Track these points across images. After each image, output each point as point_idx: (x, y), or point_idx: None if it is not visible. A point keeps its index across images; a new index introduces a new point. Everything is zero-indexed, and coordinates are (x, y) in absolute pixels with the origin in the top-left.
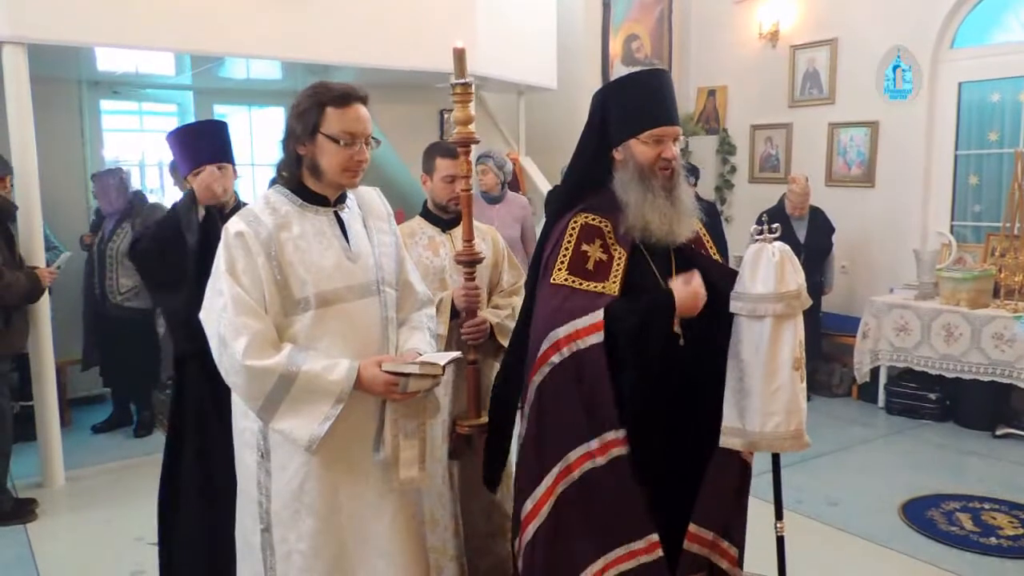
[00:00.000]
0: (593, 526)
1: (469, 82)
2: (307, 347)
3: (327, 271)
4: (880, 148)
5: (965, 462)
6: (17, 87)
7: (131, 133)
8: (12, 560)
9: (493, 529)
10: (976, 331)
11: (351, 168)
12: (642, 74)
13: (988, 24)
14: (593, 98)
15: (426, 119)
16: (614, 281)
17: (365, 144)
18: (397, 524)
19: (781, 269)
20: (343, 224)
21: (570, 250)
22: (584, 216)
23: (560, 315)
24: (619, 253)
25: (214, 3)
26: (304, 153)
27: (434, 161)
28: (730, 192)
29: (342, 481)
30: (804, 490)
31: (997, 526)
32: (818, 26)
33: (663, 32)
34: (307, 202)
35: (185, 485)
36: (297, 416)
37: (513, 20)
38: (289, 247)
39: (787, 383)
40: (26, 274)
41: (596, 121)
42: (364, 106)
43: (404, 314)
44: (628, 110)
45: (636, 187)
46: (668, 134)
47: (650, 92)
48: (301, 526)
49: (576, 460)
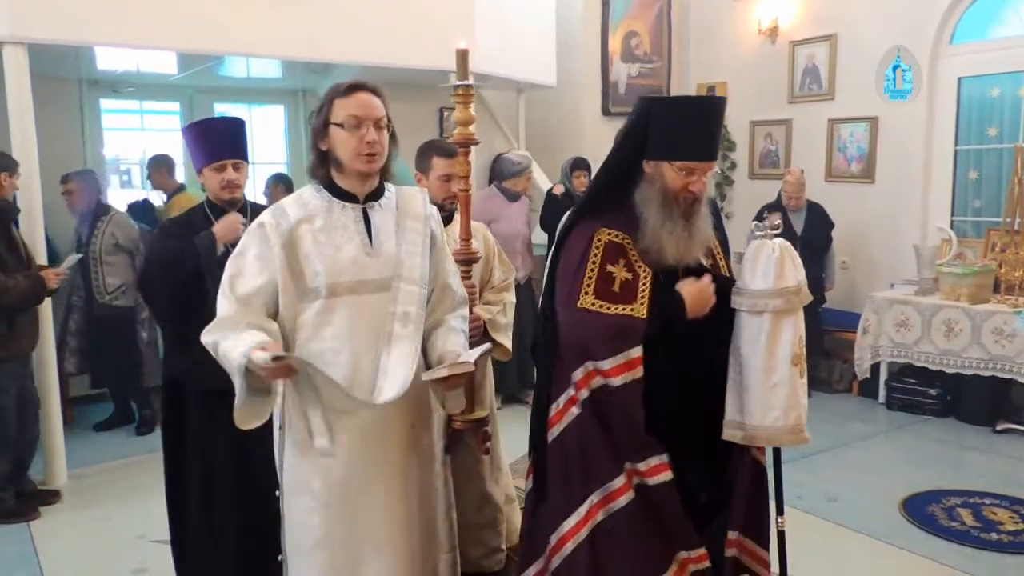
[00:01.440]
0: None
1: (471, 83)
2: (314, 335)
3: (342, 263)
4: (880, 144)
5: (966, 457)
6: (18, 86)
7: (131, 132)
8: (15, 557)
9: (484, 521)
10: (976, 326)
11: (363, 151)
12: (698, 100)
13: (987, 19)
14: (636, 104)
15: (426, 117)
16: (642, 303)
17: (377, 128)
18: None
19: (781, 265)
20: (369, 221)
21: (595, 272)
22: (607, 233)
23: (595, 342)
24: (644, 271)
25: (214, 2)
26: (325, 149)
27: (430, 160)
28: (730, 188)
29: (338, 464)
30: (804, 486)
31: (998, 521)
32: (817, 22)
33: (662, 28)
34: (335, 197)
35: (191, 485)
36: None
37: (512, 18)
38: (308, 239)
39: (786, 378)
40: (28, 276)
41: (638, 128)
42: (372, 95)
43: (439, 315)
44: (671, 133)
45: (657, 208)
46: (702, 168)
47: (699, 123)
48: (300, 501)
49: (618, 487)
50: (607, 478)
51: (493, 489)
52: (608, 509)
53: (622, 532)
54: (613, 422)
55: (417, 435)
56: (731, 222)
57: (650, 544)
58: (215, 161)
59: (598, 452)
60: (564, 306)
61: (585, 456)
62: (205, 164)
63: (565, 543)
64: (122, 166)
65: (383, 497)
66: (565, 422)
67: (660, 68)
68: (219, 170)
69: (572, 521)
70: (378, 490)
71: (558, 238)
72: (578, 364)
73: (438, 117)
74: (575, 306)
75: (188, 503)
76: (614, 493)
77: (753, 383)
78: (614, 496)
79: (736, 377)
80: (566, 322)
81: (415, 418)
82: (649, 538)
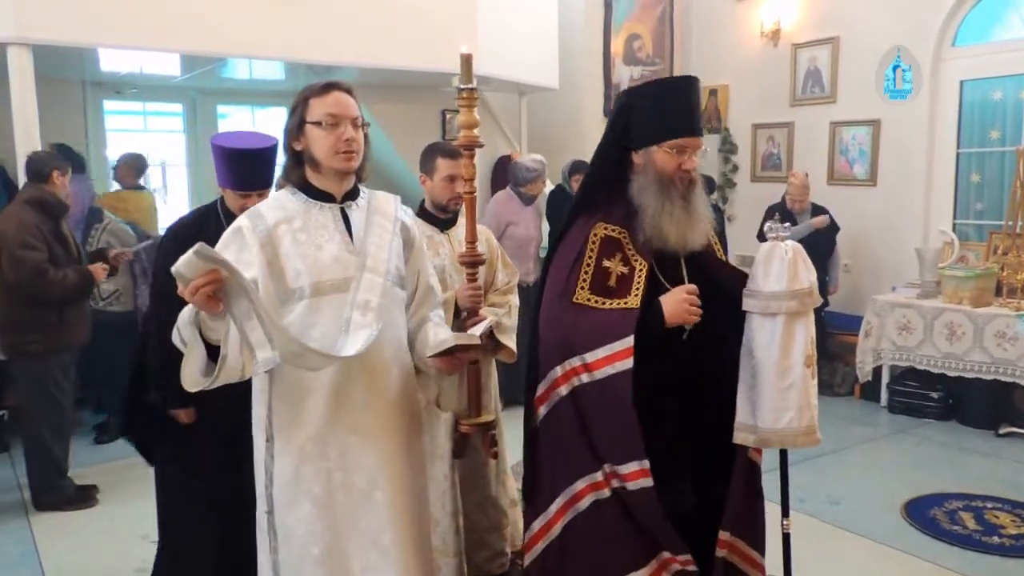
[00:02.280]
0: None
1: (475, 87)
2: (301, 335)
3: (324, 262)
4: (882, 146)
5: (968, 461)
6: (22, 87)
7: (134, 133)
8: (17, 557)
9: (489, 524)
10: (979, 329)
11: (340, 150)
12: (671, 80)
13: (990, 22)
14: (617, 98)
15: (428, 119)
16: (635, 295)
17: (354, 127)
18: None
19: (794, 266)
20: (348, 219)
21: (592, 267)
22: (604, 228)
23: (581, 334)
24: (640, 264)
25: (217, 4)
26: (300, 148)
27: (434, 161)
28: (732, 191)
29: (335, 468)
30: (806, 489)
31: (1000, 525)
32: (819, 24)
33: (664, 31)
34: (312, 198)
35: (178, 493)
36: (187, 354)
37: (515, 20)
38: (287, 239)
39: (799, 380)
40: (77, 270)
41: (619, 122)
42: (347, 94)
43: (424, 313)
44: (653, 116)
45: (653, 194)
46: (691, 145)
47: (677, 100)
48: (299, 511)
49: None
50: (576, 476)
51: (499, 493)
52: (576, 509)
53: (588, 534)
54: (592, 420)
55: (413, 436)
56: (733, 225)
57: (622, 546)
58: (241, 191)
59: (572, 450)
60: (557, 300)
61: (556, 456)
62: (230, 188)
63: (536, 542)
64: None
65: (384, 499)
66: (540, 417)
67: (662, 70)
68: (243, 197)
69: (540, 521)
70: (378, 493)
71: (556, 239)
72: (559, 360)
73: (440, 119)
74: (570, 301)
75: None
76: (578, 494)
77: (766, 386)
78: (579, 497)
79: (748, 380)
80: (555, 316)
81: (409, 419)
82: (622, 539)
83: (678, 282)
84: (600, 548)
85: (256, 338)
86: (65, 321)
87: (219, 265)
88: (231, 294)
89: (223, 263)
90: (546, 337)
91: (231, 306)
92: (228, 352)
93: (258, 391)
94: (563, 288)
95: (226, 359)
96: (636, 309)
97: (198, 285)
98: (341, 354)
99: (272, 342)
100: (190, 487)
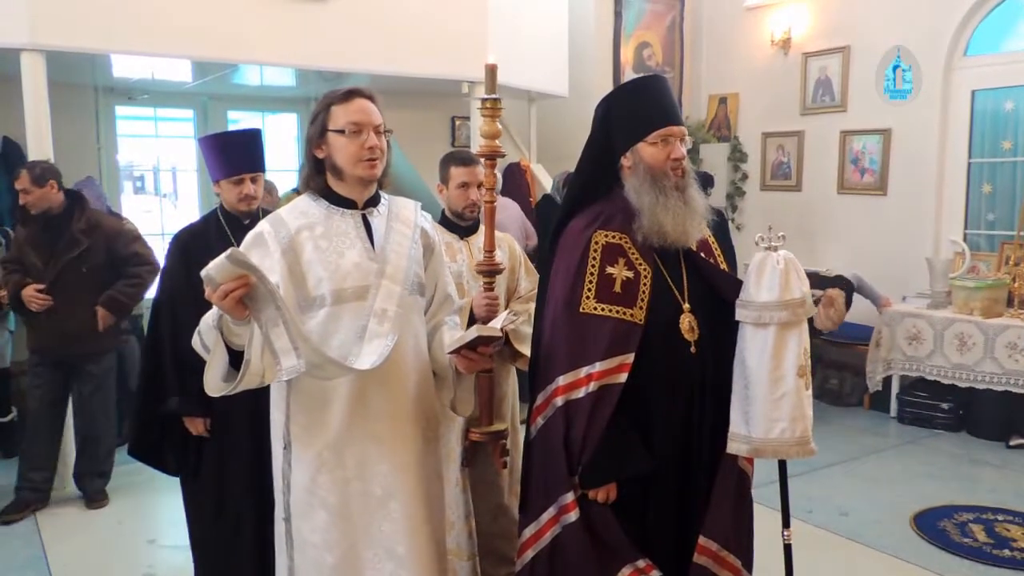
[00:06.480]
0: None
1: (498, 97)
2: (321, 346)
3: (345, 269)
4: (892, 156)
5: (978, 473)
6: (35, 93)
7: (146, 139)
8: (25, 561)
9: (499, 531)
10: (989, 340)
11: (364, 157)
12: (641, 80)
13: (1002, 32)
14: (596, 111)
15: (438, 126)
16: (641, 306)
17: (376, 134)
18: (411, 527)
19: (786, 277)
20: (370, 226)
21: (595, 275)
22: (604, 235)
23: (588, 346)
24: (645, 269)
25: (229, 11)
26: (322, 156)
27: (449, 170)
28: (741, 200)
29: (352, 476)
30: (815, 500)
31: (1011, 538)
32: (830, 34)
33: (674, 40)
34: (334, 205)
35: (205, 498)
36: (210, 359)
37: (525, 27)
38: (309, 246)
39: (792, 390)
40: None
41: (600, 132)
42: (370, 101)
43: (441, 318)
44: (633, 115)
45: (649, 190)
46: (675, 134)
47: (651, 95)
48: (315, 519)
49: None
50: (562, 491)
51: (511, 501)
52: (563, 521)
53: (572, 546)
54: (575, 432)
55: (430, 443)
56: (742, 233)
57: (593, 560)
58: (234, 175)
59: (560, 462)
60: (562, 309)
61: (546, 466)
62: (223, 177)
63: (525, 550)
64: (136, 172)
65: (400, 509)
66: (538, 427)
67: (672, 79)
68: (237, 183)
69: (531, 529)
70: (394, 503)
71: (549, 243)
72: (561, 371)
73: (450, 126)
74: (577, 311)
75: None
76: (568, 506)
77: (759, 395)
78: (568, 509)
79: (741, 390)
80: (559, 326)
81: (426, 426)
82: (592, 553)
83: (678, 284)
84: (583, 560)
85: (281, 345)
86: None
87: (249, 271)
88: (257, 300)
89: (253, 268)
90: (548, 347)
91: (257, 312)
92: (251, 357)
93: (276, 397)
94: (569, 298)
95: (249, 364)
96: (640, 324)
97: (228, 289)
98: (356, 366)
99: (298, 350)
100: (216, 501)
